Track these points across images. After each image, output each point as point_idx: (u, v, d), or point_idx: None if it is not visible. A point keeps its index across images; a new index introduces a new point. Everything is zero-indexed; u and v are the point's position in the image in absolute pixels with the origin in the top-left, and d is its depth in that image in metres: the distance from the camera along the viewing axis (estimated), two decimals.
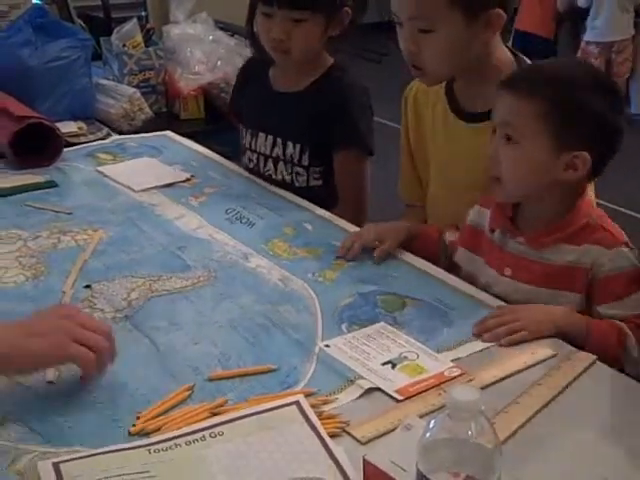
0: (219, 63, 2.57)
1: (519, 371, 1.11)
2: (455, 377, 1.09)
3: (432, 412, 1.01)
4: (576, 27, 5.31)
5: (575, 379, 1.09)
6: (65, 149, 1.98)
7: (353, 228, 1.57)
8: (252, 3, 1.75)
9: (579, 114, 1.23)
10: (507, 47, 1.48)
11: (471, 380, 1.08)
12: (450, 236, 1.47)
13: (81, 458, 0.92)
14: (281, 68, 1.81)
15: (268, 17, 1.69)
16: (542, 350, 1.15)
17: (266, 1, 1.68)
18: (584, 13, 4.98)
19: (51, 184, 1.81)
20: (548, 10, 5.06)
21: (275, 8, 1.66)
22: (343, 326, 1.23)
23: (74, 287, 1.34)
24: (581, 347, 1.17)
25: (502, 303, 1.29)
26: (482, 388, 1.05)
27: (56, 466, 0.90)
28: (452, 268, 1.44)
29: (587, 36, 5.02)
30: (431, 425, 0.76)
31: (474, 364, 1.13)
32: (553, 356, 1.14)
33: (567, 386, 1.07)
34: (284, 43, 1.69)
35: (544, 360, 1.13)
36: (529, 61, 1.49)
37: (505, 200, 1.33)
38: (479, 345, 1.18)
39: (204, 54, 2.59)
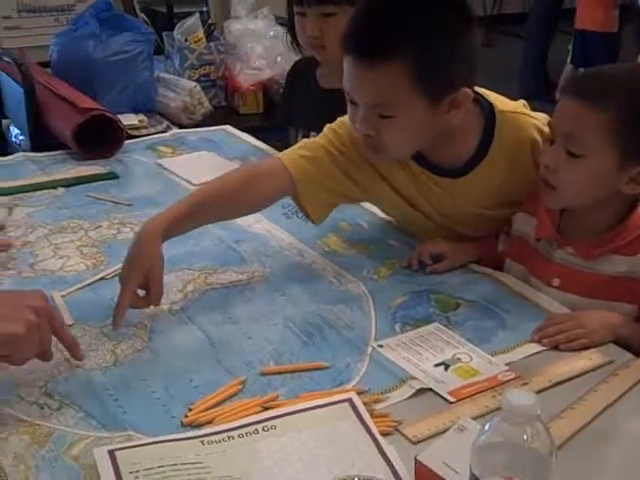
0: (279, 59, 2.59)
1: (575, 376, 1.09)
2: (509, 381, 1.08)
3: (485, 414, 1.00)
4: None
5: (632, 387, 1.07)
6: (126, 141, 2.02)
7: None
8: (289, 6, 1.84)
9: None
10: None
11: (525, 384, 1.07)
12: (501, 245, 1.43)
13: (136, 447, 0.94)
14: (326, 65, 1.84)
15: (302, 16, 1.78)
16: (599, 356, 1.14)
17: (297, 1, 1.78)
18: None
19: (112, 175, 1.85)
20: (607, 2, 4.71)
21: (305, 6, 1.76)
22: (396, 326, 1.23)
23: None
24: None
25: (559, 307, 1.27)
26: (537, 392, 1.03)
27: (112, 454, 0.92)
28: None
29: None
30: (486, 428, 0.75)
31: (528, 368, 1.11)
32: (610, 362, 1.12)
33: (624, 394, 1.05)
34: (319, 39, 1.77)
35: (601, 366, 1.12)
36: (488, 94, 1.39)
37: (559, 208, 1.30)
38: (534, 348, 1.17)
39: (264, 50, 2.60)
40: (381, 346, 1.17)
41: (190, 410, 1.02)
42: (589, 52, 4.64)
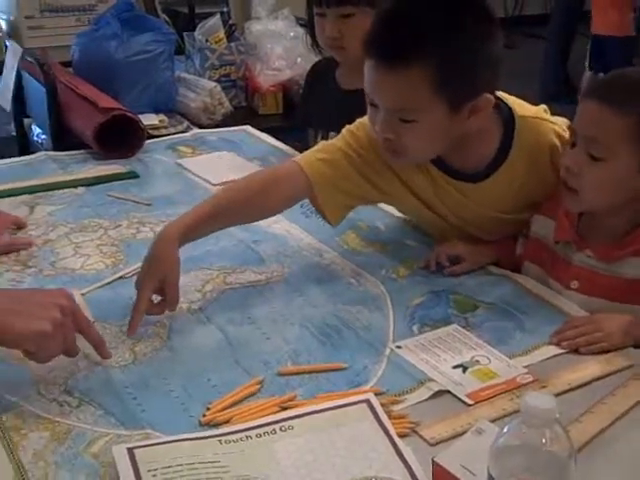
0: (299, 60, 2.59)
1: (594, 380, 1.09)
2: (527, 384, 1.08)
3: (503, 417, 1.00)
4: None
5: None
6: (146, 141, 2.03)
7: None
8: (309, 7, 1.86)
9: None
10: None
11: (544, 387, 1.06)
12: (519, 248, 1.42)
13: (154, 445, 0.94)
14: (345, 66, 1.85)
15: (321, 17, 1.81)
16: (618, 359, 1.13)
17: (317, 2, 1.80)
18: None
19: (132, 175, 1.86)
20: (622, 6, 4.49)
21: (325, 7, 1.78)
22: (414, 327, 1.23)
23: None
24: None
25: (578, 310, 1.26)
26: (555, 395, 1.03)
27: (130, 451, 0.92)
28: None
29: None
30: (504, 430, 0.75)
31: (547, 371, 1.11)
32: (630, 367, 1.12)
33: None
34: (338, 40, 1.78)
35: (620, 370, 1.11)
36: (507, 98, 1.37)
37: (579, 211, 1.30)
38: (552, 351, 1.16)
39: (284, 50, 2.61)
40: (399, 347, 1.17)
41: (208, 409, 1.03)
42: (606, 57, 4.59)
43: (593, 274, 1.28)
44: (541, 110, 1.42)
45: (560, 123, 1.39)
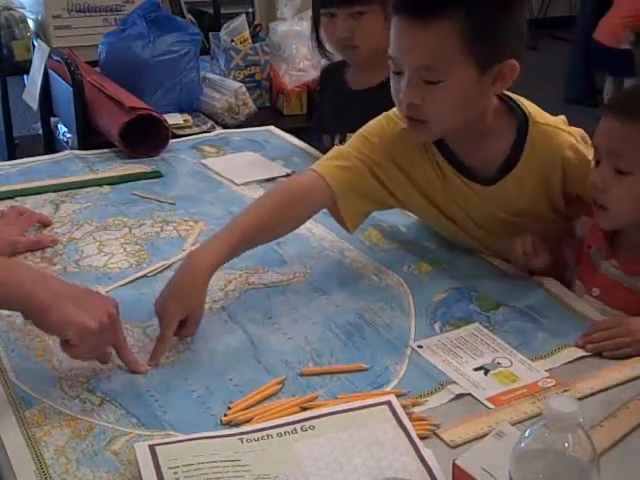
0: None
1: (617, 385, 1.08)
2: (549, 388, 1.07)
3: (524, 420, 1.00)
4: None
5: None
6: (171, 141, 2.03)
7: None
8: (315, 10, 1.85)
9: None
10: (501, 95, 1.36)
11: (566, 391, 1.06)
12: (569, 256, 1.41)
13: (176, 442, 0.95)
14: (355, 67, 1.85)
15: (331, 18, 1.79)
16: None
17: (326, 3, 1.79)
18: None
19: (157, 174, 1.87)
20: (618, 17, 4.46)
21: (335, 8, 1.77)
22: (436, 326, 1.23)
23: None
24: None
25: (600, 317, 1.25)
26: (577, 400, 1.02)
27: (152, 449, 0.93)
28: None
29: None
30: (526, 434, 0.75)
31: (569, 374, 1.10)
32: None
33: None
34: (349, 40, 1.77)
35: None
36: (527, 104, 1.36)
37: (611, 228, 1.28)
38: (575, 354, 1.15)
39: (309, 51, 2.61)
40: (420, 347, 1.17)
41: (229, 409, 1.03)
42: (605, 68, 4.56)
43: (615, 285, 1.27)
44: (560, 121, 1.40)
45: (577, 135, 1.38)
